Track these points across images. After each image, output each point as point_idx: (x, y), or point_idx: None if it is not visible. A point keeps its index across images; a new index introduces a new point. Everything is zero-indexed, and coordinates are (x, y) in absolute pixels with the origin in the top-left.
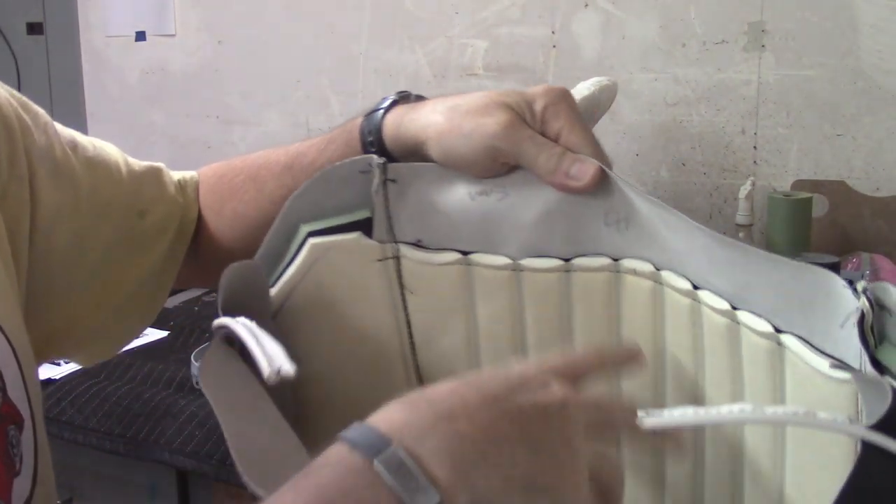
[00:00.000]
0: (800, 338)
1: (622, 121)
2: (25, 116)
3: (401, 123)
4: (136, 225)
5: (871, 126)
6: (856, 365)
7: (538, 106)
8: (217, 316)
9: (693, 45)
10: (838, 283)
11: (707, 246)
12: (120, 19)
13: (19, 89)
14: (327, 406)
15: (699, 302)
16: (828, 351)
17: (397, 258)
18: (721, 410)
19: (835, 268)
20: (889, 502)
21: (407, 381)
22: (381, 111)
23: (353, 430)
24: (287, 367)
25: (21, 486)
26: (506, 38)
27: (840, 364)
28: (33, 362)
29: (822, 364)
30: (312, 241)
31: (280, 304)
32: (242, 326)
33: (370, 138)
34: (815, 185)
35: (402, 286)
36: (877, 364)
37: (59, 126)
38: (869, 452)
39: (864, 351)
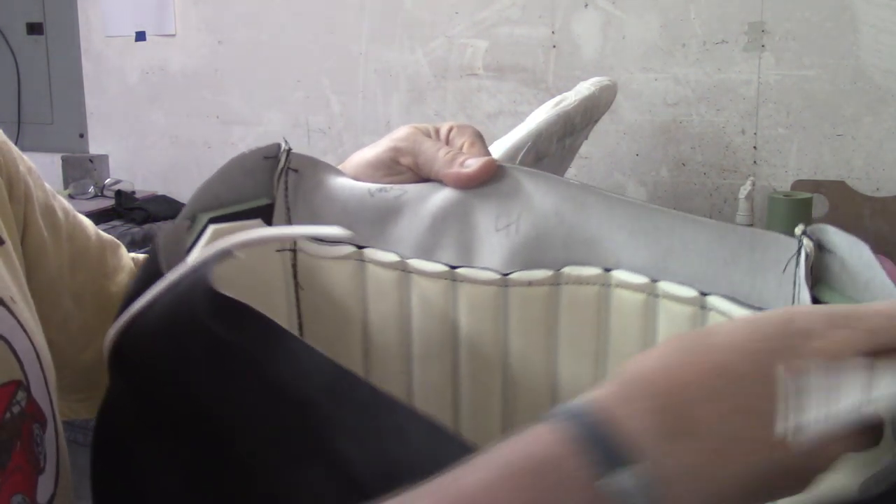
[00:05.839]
0: (724, 296)
1: (622, 121)
2: (14, 154)
3: None
4: (102, 285)
5: (871, 126)
6: None
7: (444, 129)
8: (158, 275)
9: (693, 45)
10: (767, 235)
11: (629, 217)
12: (120, 19)
13: (19, 89)
14: None
15: (609, 285)
16: (753, 303)
17: (294, 251)
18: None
19: None
20: None
21: None
22: None
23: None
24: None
25: (45, 483)
26: (506, 38)
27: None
28: (52, 364)
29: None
30: (214, 226)
31: None
32: (265, 229)
33: None
34: (815, 185)
35: (296, 283)
36: (817, 303)
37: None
38: None
39: (806, 290)
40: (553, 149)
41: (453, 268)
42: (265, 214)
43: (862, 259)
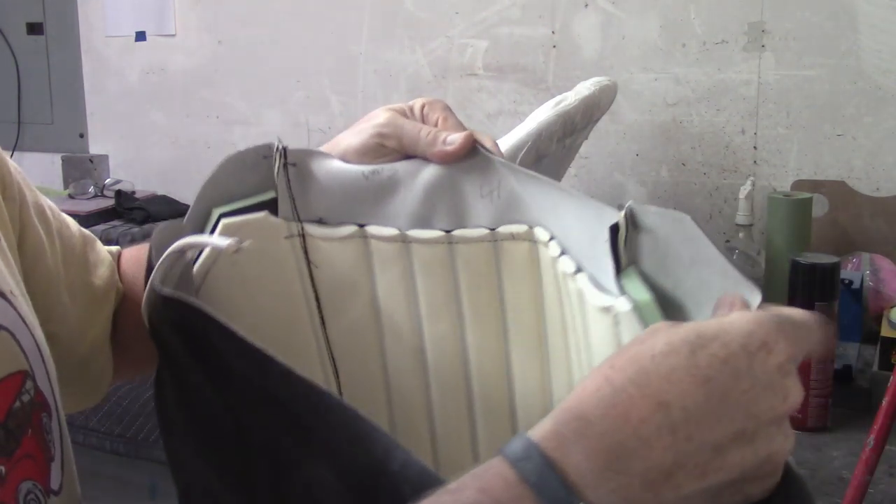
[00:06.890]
0: (590, 275)
1: (622, 121)
2: (3, 155)
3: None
4: (87, 279)
5: (871, 126)
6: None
7: (417, 107)
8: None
9: (693, 45)
10: (604, 211)
11: (562, 200)
12: (120, 19)
13: (19, 89)
14: None
15: (537, 247)
16: (604, 281)
17: (302, 236)
18: None
19: (834, 268)
20: None
21: (320, 359)
22: None
23: (513, 441)
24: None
25: (56, 470)
26: (506, 38)
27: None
28: (51, 357)
29: (596, 297)
30: (225, 221)
31: (199, 284)
32: (183, 241)
33: None
34: (815, 185)
35: (308, 261)
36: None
37: None
38: None
39: (613, 266)
40: (553, 149)
41: (448, 231)
42: (271, 207)
43: (685, 235)
